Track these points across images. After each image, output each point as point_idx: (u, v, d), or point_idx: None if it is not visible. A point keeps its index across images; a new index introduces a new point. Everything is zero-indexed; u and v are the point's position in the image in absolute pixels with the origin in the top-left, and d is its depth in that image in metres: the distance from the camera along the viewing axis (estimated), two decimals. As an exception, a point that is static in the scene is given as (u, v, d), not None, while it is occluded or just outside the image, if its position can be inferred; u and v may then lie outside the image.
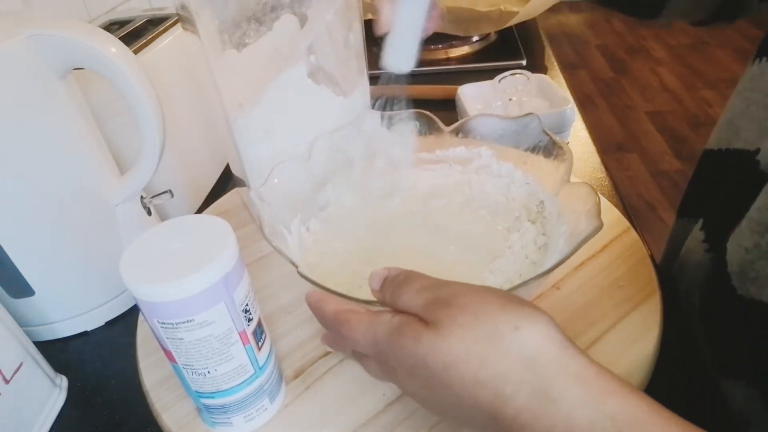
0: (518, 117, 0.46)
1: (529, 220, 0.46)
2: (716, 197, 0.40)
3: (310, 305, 0.33)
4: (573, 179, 0.42)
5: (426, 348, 0.26)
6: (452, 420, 0.28)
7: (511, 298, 0.27)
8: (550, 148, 0.45)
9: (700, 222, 0.40)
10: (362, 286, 0.41)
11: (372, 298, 0.32)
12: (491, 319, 0.25)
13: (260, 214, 0.38)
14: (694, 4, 0.44)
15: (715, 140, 0.42)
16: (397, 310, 0.29)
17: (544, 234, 0.44)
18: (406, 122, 0.51)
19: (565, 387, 0.23)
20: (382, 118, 0.50)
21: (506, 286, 0.33)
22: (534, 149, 0.46)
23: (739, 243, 0.33)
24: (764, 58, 0.37)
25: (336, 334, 0.32)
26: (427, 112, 0.50)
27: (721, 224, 0.37)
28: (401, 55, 0.42)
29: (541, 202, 0.45)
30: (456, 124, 0.50)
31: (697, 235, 0.40)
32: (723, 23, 0.46)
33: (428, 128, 0.50)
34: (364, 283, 0.41)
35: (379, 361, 0.29)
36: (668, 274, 0.43)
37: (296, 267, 0.35)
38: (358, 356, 0.32)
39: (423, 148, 0.51)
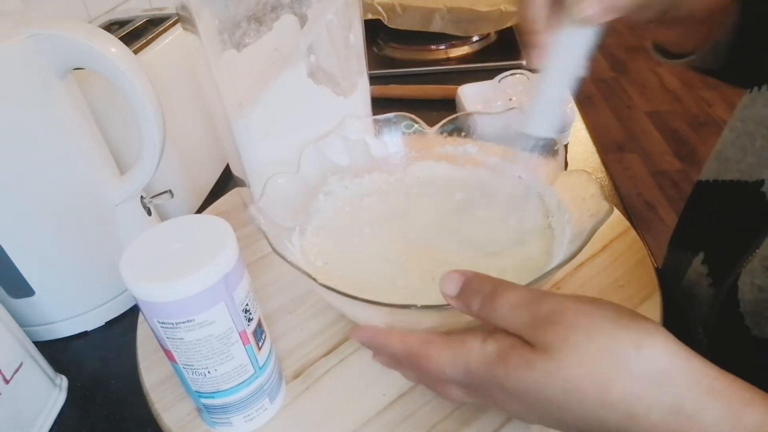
0: (501, 112, 0.47)
1: (529, 211, 0.46)
2: (716, 230, 0.39)
3: (366, 342, 0.31)
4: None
5: (541, 375, 0.24)
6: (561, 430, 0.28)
7: (619, 310, 0.25)
8: (540, 143, 0.45)
9: (701, 255, 0.39)
10: (372, 291, 0.41)
11: (403, 302, 0.31)
12: (608, 338, 0.24)
13: (264, 230, 0.38)
14: None
15: (705, 171, 0.41)
16: (490, 328, 0.27)
17: (549, 226, 0.44)
18: (394, 125, 0.51)
19: (701, 402, 0.23)
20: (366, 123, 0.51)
21: (523, 278, 0.33)
22: (523, 148, 0.47)
23: (751, 281, 0.32)
24: (755, 89, 0.37)
25: (408, 366, 0.30)
26: (410, 114, 0.50)
27: (725, 259, 0.36)
28: (548, 119, 0.38)
29: (538, 192, 0.46)
30: (440, 124, 0.50)
31: (699, 269, 0.39)
32: None
33: (413, 129, 0.51)
34: (374, 287, 0.41)
35: (471, 388, 0.28)
36: (674, 303, 0.42)
37: (315, 280, 0.34)
38: (432, 383, 0.30)
39: (410, 148, 0.51)
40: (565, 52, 0.34)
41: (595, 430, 0.25)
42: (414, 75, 0.88)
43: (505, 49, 0.92)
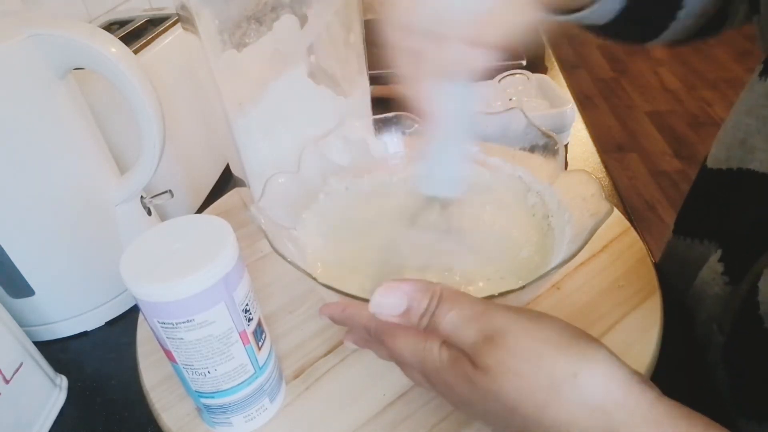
0: (501, 111, 0.47)
1: (529, 212, 0.46)
2: (734, 225, 0.39)
3: (334, 316, 0.32)
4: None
5: (481, 392, 0.25)
6: None
7: (561, 332, 0.26)
8: (540, 143, 0.45)
9: (719, 253, 0.38)
10: (371, 291, 0.41)
11: None
12: (546, 365, 0.24)
13: (265, 230, 0.38)
14: (688, 25, 0.42)
15: (723, 159, 0.40)
16: (442, 339, 0.28)
17: (549, 226, 0.44)
18: (394, 125, 0.51)
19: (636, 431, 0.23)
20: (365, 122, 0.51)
21: (523, 279, 0.33)
22: (523, 148, 0.47)
23: None
24: None
25: (376, 339, 0.30)
26: (411, 114, 0.50)
27: (742, 257, 0.36)
28: (442, 178, 0.33)
29: (538, 192, 0.46)
30: None
31: (715, 267, 0.38)
32: (700, 41, 0.44)
33: (414, 129, 0.51)
34: (373, 287, 0.41)
35: (427, 380, 0.28)
36: (677, 299, 0.42)
37: (316, 280, 0.34)
38: (398, 362, 0.31)
39: (410, 148, 0.51)
40: (448, 109, 0.31)
41: None
42: (414, 75, 0.88)
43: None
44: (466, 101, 0.32)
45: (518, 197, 0.47)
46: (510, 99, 0.68)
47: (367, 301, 0.32)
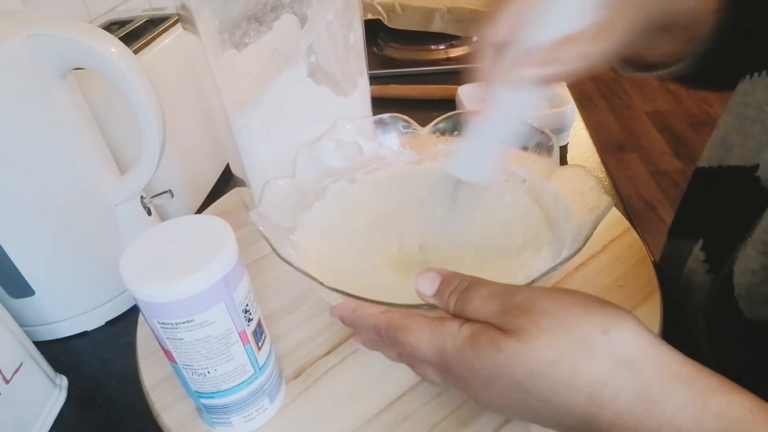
0: None
1: (527, 210, 0.46)
2: (715, 216, 0.39)
3: (344, 317, 0.32)
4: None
5: (509, 356, 0.25)
6: (529, 422, 0.28)
7: (590, 298, 0.26)
8: (533, 141, 0.45)
9: (700, 242, 0.39)
10: (371, 291, 0.41)
11: (411, 302, 0.31)
12: (577, 323, 0.25)
13: (267, 236, 0.38)
14: None
15: (707, 158, 0.41)
16: (464, 318, 0.28)
17: (548, 223, 0.44)
18: (387, 126, 0.51)
19: (667, 387, 0.23)
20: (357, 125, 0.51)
21: (523, 278, 0.33)
22: (516, 146, 0.47)
23: (745, 265, 0.32)
24: (755, 74, 0.36)
25: (386, 339, 0.30)
26: (403, 115, 0.51)
27: (721, 244, 0.37)
28: (476, 165, 0.38)
29: (535, 189, 0.46)
30: (432, 124, 0.50)
31: (697, 255, 0.39)
32: None
33: (406, 130, 0.51)
34: (371, 287, 0.41)
35: (445, 370, 0.28)
36: (672, 297, 0.43)
37: (323, 284, 0.34)
38: (410, 361, 0.31)
39: (404, 149, 0.52)
40: (505, 108, 0.35)
41: (560, 414, 0.25)
42: (414, 75, 0.88)
43: (505, 49, 0.91)
44: (520, 108, 0.35)
45: (516, 196, 0.47)
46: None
47: (373, 302, 0.32)
